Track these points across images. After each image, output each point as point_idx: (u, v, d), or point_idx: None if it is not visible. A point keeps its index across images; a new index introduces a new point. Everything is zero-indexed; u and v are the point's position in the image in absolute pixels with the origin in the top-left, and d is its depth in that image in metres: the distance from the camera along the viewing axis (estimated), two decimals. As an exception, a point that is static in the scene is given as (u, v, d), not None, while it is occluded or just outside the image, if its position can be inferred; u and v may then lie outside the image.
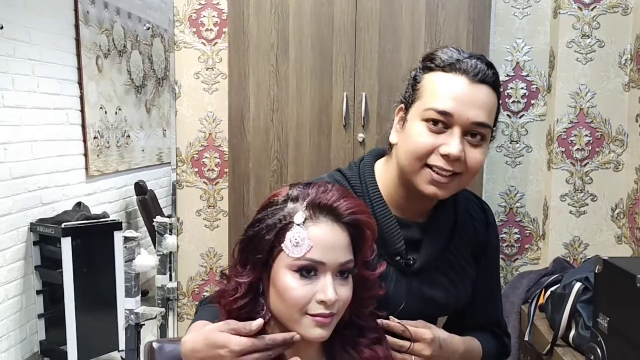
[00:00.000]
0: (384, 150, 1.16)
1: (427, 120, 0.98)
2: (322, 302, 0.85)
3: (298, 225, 0.86)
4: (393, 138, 1.06)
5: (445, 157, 0.97)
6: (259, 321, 0.87)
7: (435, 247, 1.09)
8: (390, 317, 1.02)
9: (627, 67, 2.09)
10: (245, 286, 0.89)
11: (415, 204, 1.08)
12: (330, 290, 0.85)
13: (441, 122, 0.97)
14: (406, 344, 1.01)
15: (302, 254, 0.85)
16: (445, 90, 0.98)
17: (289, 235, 0.86)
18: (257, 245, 0.88)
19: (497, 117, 1.04)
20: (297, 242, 0.85)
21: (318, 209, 0.87)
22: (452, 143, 0.96)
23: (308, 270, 0.85)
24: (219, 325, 0.89)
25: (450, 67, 0.99)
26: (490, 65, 1.00)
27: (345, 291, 0.88)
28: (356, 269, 0.91)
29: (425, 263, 1.08)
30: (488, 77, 0.99)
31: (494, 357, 1.20)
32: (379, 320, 1.00)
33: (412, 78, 1.06)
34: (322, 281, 0.86)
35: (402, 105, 1.06)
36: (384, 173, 1.10)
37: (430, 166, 0.99)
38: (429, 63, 1.02)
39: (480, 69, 0.98)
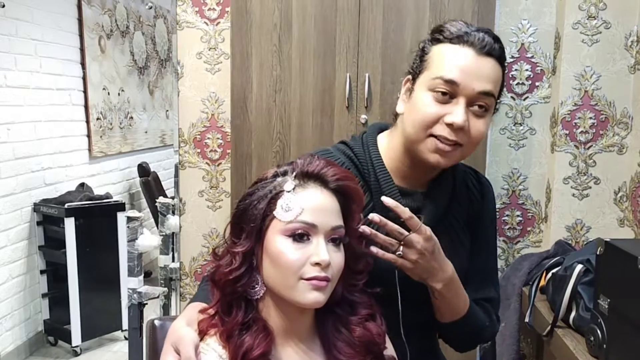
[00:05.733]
0: (386, 125, 1.20)
1: (433, 90, 1.02)
2: (316, 265, 0.87)
3: (288, 192, 0.89)
4: (400, 108, 1.10)
5: (450, 126, 1.01)
6: None
7: (435, 214, 1.12)
8: (395, 203, 1.00)
9: (633, 49, 2.07)
10: (240, 256, 0.90)
11: (418, 174, 1.12)
12: (324, 252, 0.87)
13: (447, 92, 1.01)
14: (402, 231, 0.99)
15: (294, 217, 0.87)
16: (453, 61, 1.01)
17: (279, 202, 0.89)
18: (250, 216, 0.91)
19: (501, 91, 1.07)
20: (288, 207, 0.88)
21: (306, 176, 0.91)
22: (457, 112, 1.00)
23: (301, 234, 0.88)
24: (186, 335, 0.90)
25: (458, 39, 1.02)
26: (496, 39, 1.04)
27: (338, 257, 0.90)
28: (347, 237, 0.93)
29: None
30: (494, 50, 1.02)
31: (480, 330, 1.18)
32: (383, 198, 1.00)
33: (420, 49, 1.09)
34: (315, 244, 0.88)
35: (410, 77, 1.09)
36: (388, 144, 1.14)
37: (434, 136, 1.02)
38: (438, 35, 1.06)
39: (487, 42, 1.02)
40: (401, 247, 1.00)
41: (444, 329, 1.18)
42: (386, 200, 1.00)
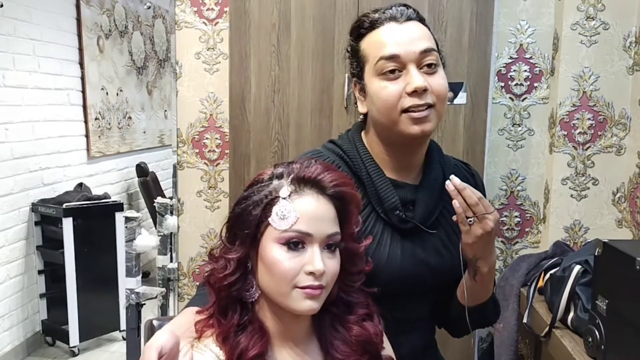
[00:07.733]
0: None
1: (382, 73, 1.06)
2: (310, 274, 0.86)
3: (284, 199, 0.87)
4: (361, 108, 1.14)
5: (414, 93, 1.03)
6: None
7: (428, 205, 1.12)
8: (455, 178, 1.01)
9: (632, 49, 2.07)
10: (234, 262, 0.89)
11: (404, 161, 1.13)
12: (318, 261, 0.86)
13: (395, 68, 1.04)
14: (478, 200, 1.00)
15: (289, 226, 0.86)
16: (384, 39, 1.06)
17: (275, 209, 0.87)
18: (244, 222, 0.90)
19: (439, 46, 1.11)
20: (283, 215, 0.87)
21: (303, 182, 0.89)
22: (413, 78, 1.03)
23: (295, 242, 0.87)
24: (153, 341, 0.84)
25: (378, 22, 1.08)
26: (407, 6, 1.10)
27: (333, 264, 0.89)
28: (343, 243, 0.92)
29: (421, 219, 1.11)
30: (412, 14, 1.09)
31: (494, 314, 1.21)
32: (448, 182, 0.99)
33: (350, 52, 1.14)
34: (310, 253, 0.87)
35: (355, 79, 1.14)
36: (369, 140, 1.16)
37: (405, 110, 1.05)
38: (358, 31, 1.11)
39: (401, 10, 1.08)
40: (473, 218, 1.00)
41: (459, 314, 1.17)
42: (454, 180, 1.00)
